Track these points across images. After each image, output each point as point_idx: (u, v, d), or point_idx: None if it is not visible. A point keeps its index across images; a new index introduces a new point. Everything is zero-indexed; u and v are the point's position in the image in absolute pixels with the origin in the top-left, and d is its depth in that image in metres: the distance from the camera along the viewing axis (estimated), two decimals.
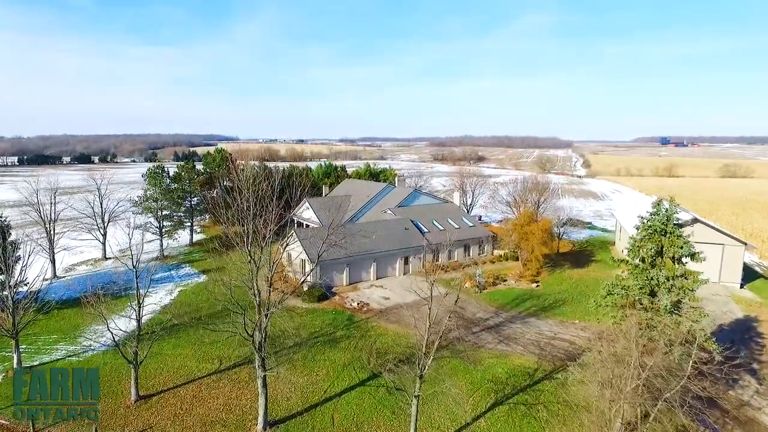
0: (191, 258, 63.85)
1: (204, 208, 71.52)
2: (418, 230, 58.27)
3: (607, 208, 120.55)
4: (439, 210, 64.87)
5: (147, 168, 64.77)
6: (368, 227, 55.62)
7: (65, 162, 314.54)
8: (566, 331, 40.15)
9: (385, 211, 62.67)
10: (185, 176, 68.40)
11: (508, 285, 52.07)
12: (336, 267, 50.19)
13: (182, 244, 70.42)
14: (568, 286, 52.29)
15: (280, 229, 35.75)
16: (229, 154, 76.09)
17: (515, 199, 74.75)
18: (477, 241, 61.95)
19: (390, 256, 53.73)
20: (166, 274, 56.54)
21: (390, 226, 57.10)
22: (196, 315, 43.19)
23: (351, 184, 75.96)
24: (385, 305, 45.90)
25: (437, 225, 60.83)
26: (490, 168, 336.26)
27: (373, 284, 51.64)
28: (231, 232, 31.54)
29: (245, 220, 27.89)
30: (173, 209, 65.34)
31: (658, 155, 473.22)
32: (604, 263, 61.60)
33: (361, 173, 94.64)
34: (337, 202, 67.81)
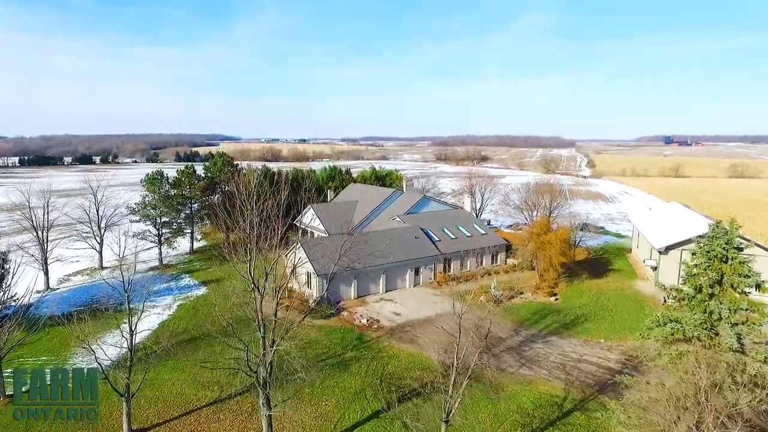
0: (191, 267, 61.27)
1: (205, 214, 68.96)
2: (428, 239, 55.59)
3: (618, 212, 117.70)
4: (449, 217, 62.16)
5: (145, 173, 62.08)
6: (377, 236, 52.94)
7: (66, 163, 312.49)
8: (592, 352, 37.43)
9: (394, 218, 60.00)
10: (185, 181, 65.82)
11: (525, 298, 49.34)
12: (343, 280, 47.55)
13: (182, 251, 67.88)
14: (587, 299, 49.54)
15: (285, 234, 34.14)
16: (230, 158, 73.42)
17: (528, 204, 72.08)
18: (490, 250, 59.24)
19: (400, 268, 51.08)
20: (165, 285, 53.98)
21: (399, 235, 54.42)
22: (197, 333, 40.54)
23: (357, 189, 73.34)
24: (397, 322, 43.23)
25: (448, 233, 58.14)
26: (494, 168, 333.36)
27: (382, 297, 48.98)
28: (231, 246, 28.80)
29: (248, 246, 25.10)
30: (173, 216, 62.76)
31: (662, 155, 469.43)
32: (623, 273, 58.87)
33: (366, 176, 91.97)
34: (344, 208, 65.22)
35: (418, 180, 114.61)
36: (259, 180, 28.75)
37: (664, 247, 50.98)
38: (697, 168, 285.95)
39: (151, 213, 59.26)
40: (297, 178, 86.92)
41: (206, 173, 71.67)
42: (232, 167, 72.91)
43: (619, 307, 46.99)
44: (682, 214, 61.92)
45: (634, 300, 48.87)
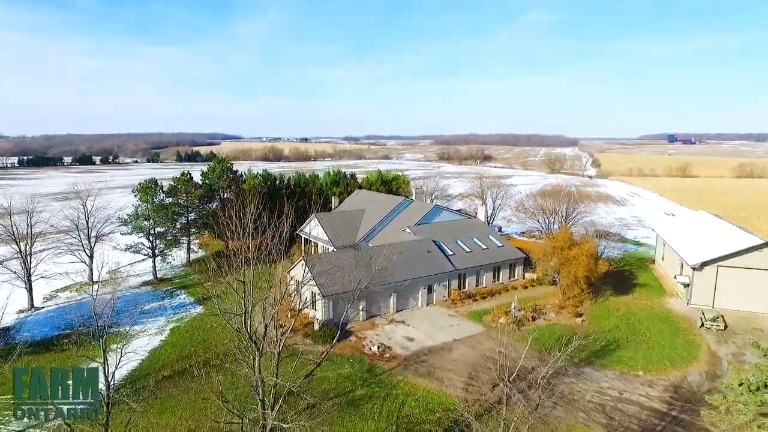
0: (187, 281, 57.38)
1: (203, 223, 65.04)
2: (441, 253, 51.61)
3: (632, 216, 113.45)
4: (463, 227, 58.15)
5: (137, 183, 58.12)
6: (387, 251, 48.89)
7: (66, 163, 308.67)
8: (632, 389, 33.43)
9: (404, 229, 56.02)
10: (181, 189, 61.92)
11: (548, 319, 45.35)
12: (350, 300, 43.48)
13: (178, 263, 64.01)
14: (617, 320, 45.52)
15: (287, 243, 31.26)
16: (229, 163, 69.52)
17: (544, 212, 68.07)
18: (507, 264, 55.24)
19: (412, 285, 47.12)
20: (158, 304, 50.11)
21: (410, 248, 50.45)
22: (191, 363, 36.57)
23: (363, 196, 69.38)
24: (411, 349, 39.27)
25: (462, 246, 54.15)
26: (498, 167, 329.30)
27: (393, 319, 45.03)
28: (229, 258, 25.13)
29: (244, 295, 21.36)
30: (168, 226, 58.83)
31: (667, 153, 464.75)
32: (650, 288, 54.81)
33: (372, 181, 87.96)
34: (349, 218, 61.28)
35: (423, 182, 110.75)
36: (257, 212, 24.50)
37: (699, 264, 46.94)
38: (705, 167, 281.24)
39: (144, 225, 55.32)
40: (300, 183, 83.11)
41: (204, 180, 67.73)
42: (231, 173, 68.99)
43: (652, 330, 42.97)
44: (712, 225, 57.82)
45: (667, 321, 44.85)
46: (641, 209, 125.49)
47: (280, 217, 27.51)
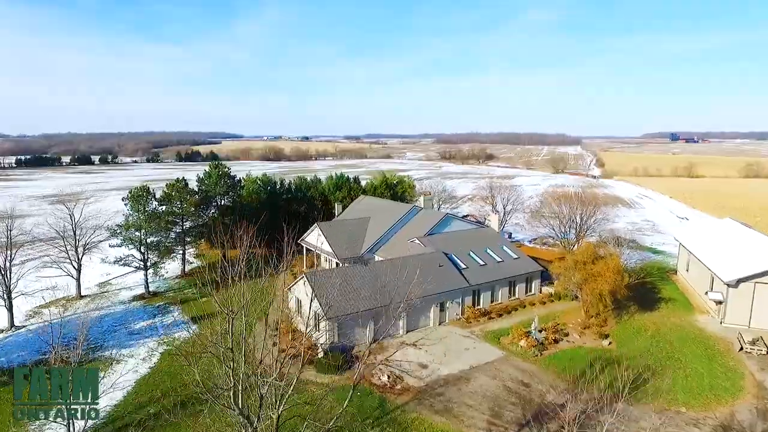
0: (182, 296, 53.66)
1: (199, 232, 61.47)
2: (454, 266, 47.97)
3: (644, 220, 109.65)
4: (475, 238, 54.51)
5: (128, 190, 54.48)
6: (395, 265, 45.31)
7: (65, 163, 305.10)
8: (676, 431, 29.77)
9: (412, 240, 52.38)
10: (176, 197, 58.29)
11: (572, 342, 41.67)
12: (357, 321, 39.93)
13: (172, 274, 60.45)
14: (645, 342, 41.89)
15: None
16: (227, 168, 65.87)
17: (561, 220, 64.37)
18: (523, 278, 51.59)
19: (423, 303, 43.40)
20: (149, 322, 46.50)
21: (421, 262, 46.73)
22: (180, 396, 33.05)
23: (368, 203, 65.71)
24: (425, 379, 35.68)
25: (476, 258, 50.51)
26: (501, 167, 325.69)
27: (404, 341, 41.24)
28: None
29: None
30: (161, 236, 55.19)
31: (671, 152, 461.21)
32: (676, 303, 51.13)
33: (376, 185, 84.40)
34: (354, 227, 57.64)
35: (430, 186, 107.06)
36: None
37: (735, 280, 43.23)
38: (710, 167, 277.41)
39: (135, 236, 51.66)
40: (301, 187, 79.53)
41: (200, 186, 64.10)
42: (229, 178, 65.37)
43: (686, 354, 39.31)
44: (742, 235, 54.11)
45: (701, 343, 41.16)
46: (653, 212, 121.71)
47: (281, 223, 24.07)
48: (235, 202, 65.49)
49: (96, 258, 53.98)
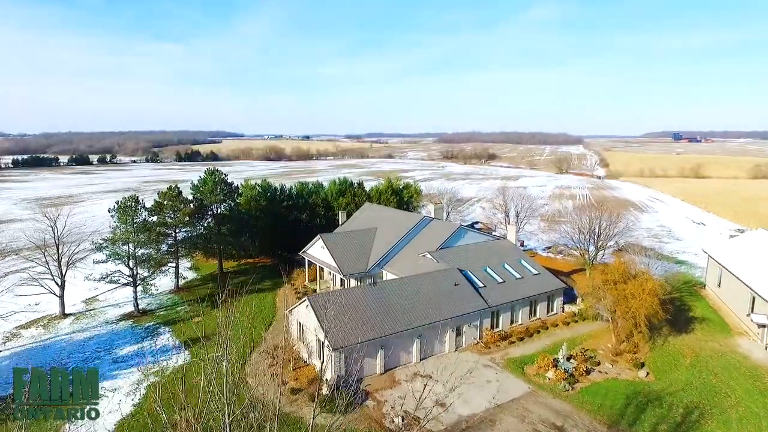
0: (174, 315, 49.65)
1: (194, 243, 57.35)
2: (470, 284, 43.82)
3: (659, 226, 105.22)
4: (491, 251, 50.36)
5: (116, 201, 50.28)
6: (407, 285, 41.21)
7: (62, 164, 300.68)
8: None
9: (423, 254, 48.25)
10: (168, 206, 54.17)
11: (605, 373, 37.48)
12: (366, 350, 35.78)
13: (165, 289, 56.34)
14: (686, 372, 37.71)
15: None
16: (224, 175, 61.68)
17: (581, 231, 60.15)
18: (545, 296, 47.42)
19: (438, 328, 39.31)
20: (136, 347, 42.33)
21: (434, 281, 42.68)
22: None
23: (374, 211, 61.51)
24: (444, 421, 31.38)
25: (493, 275, 46.37)
26: (504, 167, 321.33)
27: (417, 372, 37.23)
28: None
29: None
30: (152, 249, 51.03)
31: (675, 152, 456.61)
32: (711, 324, 46.95)
33: (381, 190, 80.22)
34: (360, 239, 53.49)
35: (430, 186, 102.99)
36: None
37: None
38: (717, 168, 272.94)
39: (122, 251, 47.48)
40: (302, 193, 75.39)
41: (194, 194, 59.93)
42: (225, 185, 61.20)
43: (735, 388, 35.13)
44: None
45: (749, 375, 36.97)
46: (667, 217, 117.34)
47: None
48: (233, 210, 61.38)
49: (81, 274, 49.81)
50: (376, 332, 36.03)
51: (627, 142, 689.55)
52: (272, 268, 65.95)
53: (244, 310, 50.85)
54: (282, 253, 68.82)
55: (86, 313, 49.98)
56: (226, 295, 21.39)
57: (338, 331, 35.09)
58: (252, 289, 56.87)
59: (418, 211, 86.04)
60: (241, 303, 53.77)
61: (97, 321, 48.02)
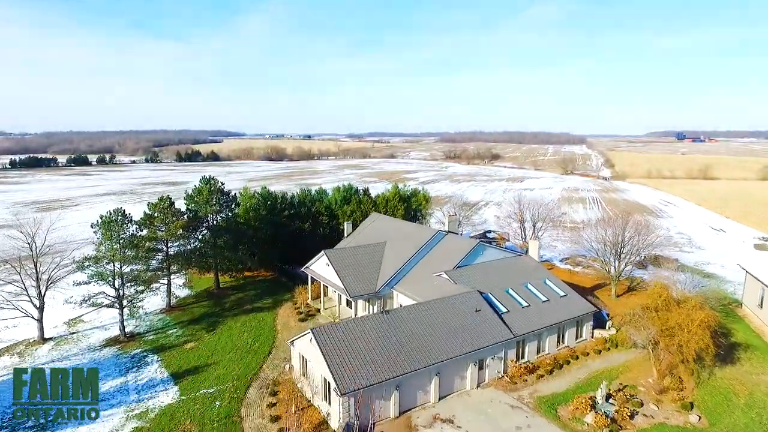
0: (165, 339, 45.09)
1: (187, 258, 52.88)
2: (492, 309, 39.28)
3: (678, 233, 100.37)
4: (513, 269, 45.83)
5: (100, 214, 45.64)
6: (423, 313, 36.68)
7: (61, 164, 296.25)
8: None
9: (439, 274, 43.74)
10: (159, 219, 49.70)
11: (651, 417, 32.89)
12: (378, 391, 31.29)
13: (156, 308, 51.91)
14: (743, 415, 33.18)
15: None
16: (221, 184, 57.09)
17: (607, 247, 55.56)
18: (574, 321, 42.85)
19: (458, 362, 34.82)
20: (120, 381, 37.73)
21: (453, 307, 38.15)
22: None
23: (382, 223, 56.91)
24: None
25: (517, 298, 41.86)
26: (508, 167, 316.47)
27: (437, 415, 32.67)
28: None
29: None
30: (141, 264, 46.52)
31: (679, 152, 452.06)
32: (757, 351, 42.36)
33: (388, 197, 75.66)
34: (367, 256, 48.98)
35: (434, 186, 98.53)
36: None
37: None
38: (725, 168, 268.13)
39: (107, 270, 42.94)
40: (305, 201, 70.90)
41: (188, 204, 55.38)
42: (222, 195, 56.67)
43: None
44: None
45: None
46: (683, 223, 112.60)
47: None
48: (230, 221, 56.85)
49: (61, 295, 45.25)
50: (390, 371, 31.53)
51: (630, 142, 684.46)
52: (272, 282, 61.59)
53: (240, 334, 46.80)
54: (283, 266, 64.44)
55: (68, 338, 45.50)
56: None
57: (347, 369, 30.63)
58: (250, 308, 52.59)
59: (427, 221, 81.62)
60: (239, 324, 50.01)
61: (79, 347, 43.52)
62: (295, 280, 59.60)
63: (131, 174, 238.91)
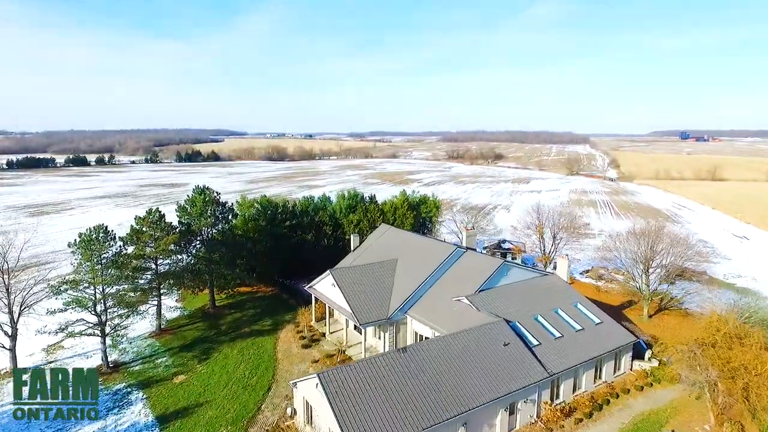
0: (152, 370, 40.34)
1: (179, 276, 48.14)
2: (522, 342, 34.52)
3: (699, 240, 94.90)
4: (540, 292, 41.06)
5: (79, 233, 40.69)
6: (445, 350, 31.91)
7: (59, 164, 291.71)
8: None
9: (459, 299, 38.98)
10: (148, 234, 44.97)
11: None
12: None
13: (144, 332, 47.25)
14: None
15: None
16: (216, 194, 52.32)
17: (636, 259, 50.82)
18: (612, 354, 38.05)
19: (485, 409, 30.05)
20: (98, 426, 32.97)
21: (479, 341, 33.39)
22: None
23: (393, 237, 52.04)
24: None
25: (548, 327, 37.10)
26: (512, 168, 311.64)
27: None
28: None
29: None
30: (127, 285, 41.85)
31: (684, 152, 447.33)
32: None
33: (397, 205, 70.93)
34: (377, 276, 44.23)
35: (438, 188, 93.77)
36: None
37: None
38: (734, 169, 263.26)
39: (86, 295, 38.21)
40: (308, 210, 66.16)
41: (180, 217, 50.62)
42: (218, 206, 51.94)
43: None
44: None
45: None
46: (702, 229, 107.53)
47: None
48: (226, 235, 52.08)
49: (36, 321, 40.43)
50: (410, 425, 26.78)
51: (633, 141, 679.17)
52: (272, 299, 56.90)
53: (237, 365, 42.08)
54: (284, 281, 59.75)
55: (46, 368, 40.75)
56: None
57: (359, 423, 25.92)
58: (248, 331, 47.89)
59: (437, 230, 76.88)
60: (235, 352, 45.32)
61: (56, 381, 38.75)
62: (296, 297, 54.99)
63: (130, 175, 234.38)
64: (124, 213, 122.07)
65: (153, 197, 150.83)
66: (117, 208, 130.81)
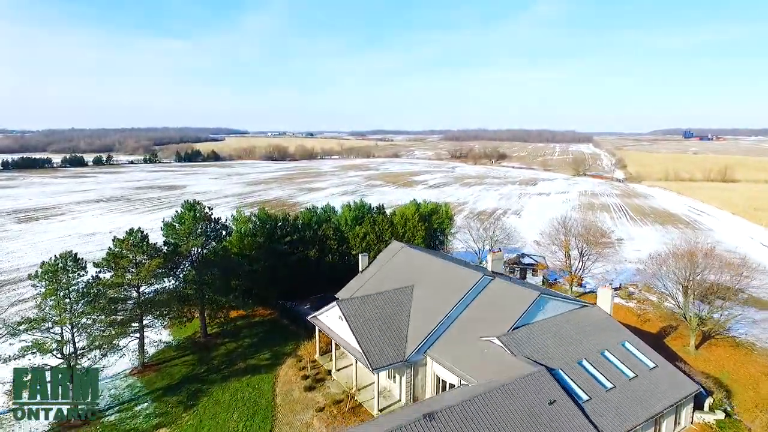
0: (130, 423, 34.39)
1: (165, 305, 42.24)
2: (569, 397, 28.65)
3: (726, 251, 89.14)
4: (581, 330, 35.20)
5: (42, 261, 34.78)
6: (479, 415, 26.03)
7: (56, 165, 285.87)
8: None
9: (489, 339, 33.13)
10: (128, 258, 39.11)
11: None
12: None
13: (125, 369, 41.45)
14: None
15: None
16: (208, 210, 46.43)
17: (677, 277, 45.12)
18: (673, 408, 32.16)
19: None
20: None
21: (517, 397, 27.51)
22: None
23: (408, 259, 46.02)
24: None
25: (597, 375, 31.26)
26: (516, 168, 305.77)
27: None
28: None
29: None
30: (102, 318, 36.05)
31: (689, 151, 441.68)
32: None
33: (407, 216, 65.10)
34: (391, 304, 38.36)
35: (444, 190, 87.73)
36: None
37: None
38: (744, 170, 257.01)
39: (49, 339, 32.33)
40: (310, 223, 60.35)
41: (167, 237, 44.73)
42: (209, 222, 46.10)
43: None
44: None
45: None
46: (727, 237, 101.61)
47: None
48: (217, 255, 46.18)
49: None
50: None
51: (636, 140, 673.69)
52: (271, 324, 51.13)
53: (229, 414, 36.30)
54: (284, 303, 53.98)
55: (3, 419, 35.01)
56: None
57: None
58: (243, 366, 42.10)
59: (449, 242, 71.16)
60: (227, 396, 39.60)
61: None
62: (297, 322, 49.32)
63: (127, 176, 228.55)
64: (117, 218, 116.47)
65: (148, 201, 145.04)
66: (110, 213, 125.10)
